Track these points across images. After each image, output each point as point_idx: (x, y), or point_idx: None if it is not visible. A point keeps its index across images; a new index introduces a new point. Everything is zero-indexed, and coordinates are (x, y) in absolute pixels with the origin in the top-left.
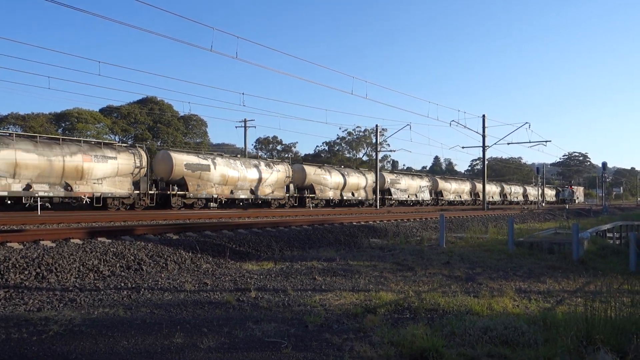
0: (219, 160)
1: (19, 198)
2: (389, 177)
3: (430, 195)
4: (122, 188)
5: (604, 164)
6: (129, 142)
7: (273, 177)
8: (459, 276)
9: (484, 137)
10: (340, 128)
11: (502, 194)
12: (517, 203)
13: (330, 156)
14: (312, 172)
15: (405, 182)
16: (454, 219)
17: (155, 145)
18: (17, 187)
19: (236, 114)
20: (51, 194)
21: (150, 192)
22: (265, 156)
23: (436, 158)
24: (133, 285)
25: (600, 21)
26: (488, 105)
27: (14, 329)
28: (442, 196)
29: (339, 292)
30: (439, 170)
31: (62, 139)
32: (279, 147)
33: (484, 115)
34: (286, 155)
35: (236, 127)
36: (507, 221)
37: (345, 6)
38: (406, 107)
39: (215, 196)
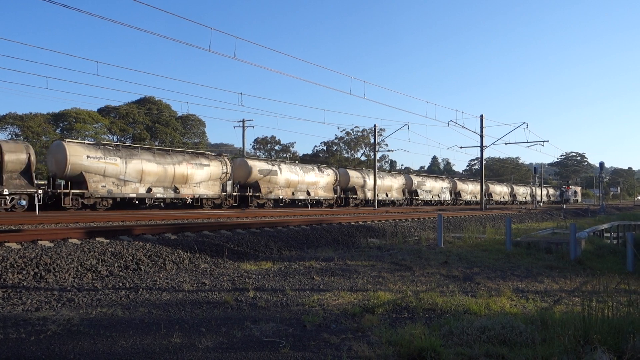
0: (283, 166)
1: (143, 199)
2: (416, 180)
3: (450, 195)
4: (213, 190)
5: (602, 164)
6: (127, 142)
7: (324, 180)
8: (457, 276)
9: (481, 137)
10: (338, 128)
11: (512, 194)
12: (525, 202)
13: (328, 156)
14: (355, 176)
15: (430, 183)
16: (451, 218)
17: (153, 145)
18: (142, 190)
19: (234, 114)
20: (165, 196)
21: (233, 194)
22: (263, 156)
23: (434, 158)
24: (131, 285)
25: (597, 22)
26: (486, 105)
27: (12, 329)
28: (460, 196)
29: (337, 291)
30: (437, 170)
31: (171, 150)
32: (277, 147)
33: (481, 116)
34: (284, 155)
35: (234, 127)
36: (504, 221)
37: (343, 7)
38: (404, 107)
39: (281, 197)
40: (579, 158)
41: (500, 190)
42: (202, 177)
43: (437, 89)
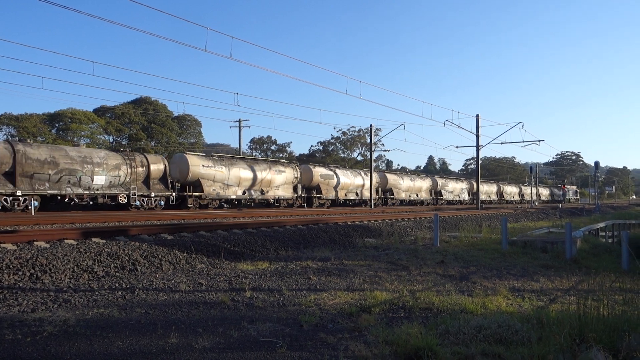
0: (338, 171)
1: (240, 200)
2: (440, 181)
3: (468, 195)
4: (287, 192)
5: (597, 163)
6: (123, 143)
7: (368, 182)
8: (453, 275)
9: (477, 136)
10: (334, 128)
11: (520, 194)
12: (528, 202)
13: (324, 156)
14: (392, 179)
15: (452, 185)
16: (448, 218)
17: (149, 145)
18: (239, 192)
19: (230, 114)
20: (255, 197)
21: (302, 195)
22: (260, 156)
23: (430, 158)
24: (127, 286)
25: (593, 22)
26: (482, 105)
27: (8, 330)
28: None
29: (333, 291)
30: (433, 170)
31: (259, 159)
32: (273, 147)
33: (477, 115)
34: (280, 155)
35: (230, 127)
36: (500, 220)
37: (340, 7)
38: (400, 107)
39: (338, 197)
40: (574, 157)
41: (510, 190)
42: (280, 181)
43: (433, 89)
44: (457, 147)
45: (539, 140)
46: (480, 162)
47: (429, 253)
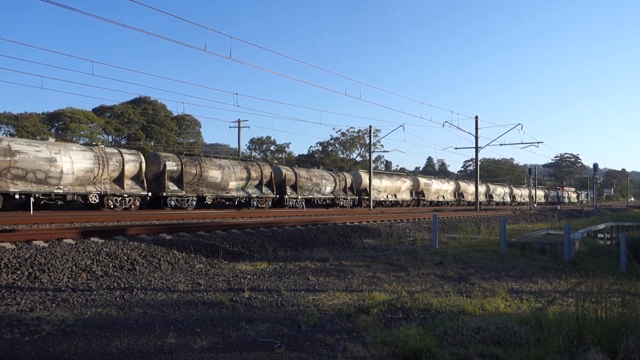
0: (381, 175)
1: (383, 201)
2: (462, 184)
3: (485, 197)
4: (407, 196)
5: (595, 165)
6: (122, 142)
7: (404, 185)
8: (452, 276)
9: (476, 138)
10: (333, 129)
11: (530, 196)
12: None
13: (323, 157)
14: (423, 182)
15: (471, 187)
16: (446, 219)
17: (148, 145)
18: (383, 196)
19: (230, 114)
20: (391, 199)
21: (353, 197)
22: (259, 157)
23: (429, 159)
24: (126, 286)
25: (592, 23)
26: (481, 106)
27: (6, 329)
28: (492, 198)
29: (332, 292)
30: (432, 171)
31: (394, 173)
32: (272, 148)
33: (476, 117)
34: (280, 155)
35: (230, 127)
36: (499, 222)
37: (339, 7)
38: (400, 108)
39: (382, 199)
40: (573, 159)
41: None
42: (403, 188)
43: (433, 90)
44: (456, 148)
45: (538, 142)
46: (479, 163)
47: (428, 254)
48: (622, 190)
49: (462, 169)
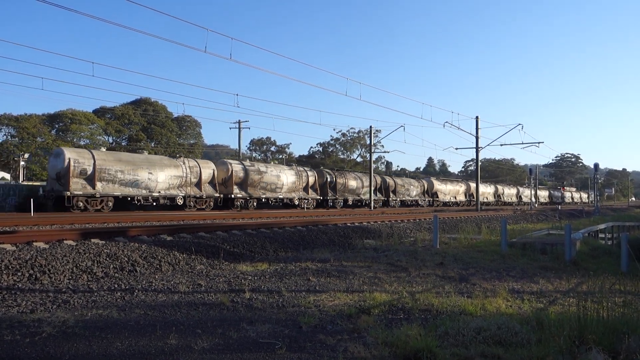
0: (445, 180)
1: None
2: (499, 186)
3: (514, 198)
4: (462, 198)
5: (596, 165)
6: (122, 144)
7: (461, 189)
8: (453, 277)
9: (477, 138)
10: (334, 129)
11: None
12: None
13: (324, 157)
14: (472, 186)
15: (507, 190)
16: (447, 219)
17: (149, 146)
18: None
19: (230, 115)
20: (452, 201)
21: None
22: (259, 157)
23: (430, 159)
24: (127, 287)
25: (592, 23)
26: (481, 106)
27: (7, 331)
28: (521, 200)
29: (333, 293)
30: (433, 171)
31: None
32: (272, 148)
33: (477, 117)
34: (280, 156)
35: (230, 128)
36: (499, 222)
37: (340, 8)
38: (400, 108)
39: (447, 200)
40: (573, 159)
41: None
42: (460, 191)
43: (433, 90)
44: (456, 148)
45: (539, 142)
46: (479, 163)
47: (429, 254)
48: (623, 190)
49: (463, 169)
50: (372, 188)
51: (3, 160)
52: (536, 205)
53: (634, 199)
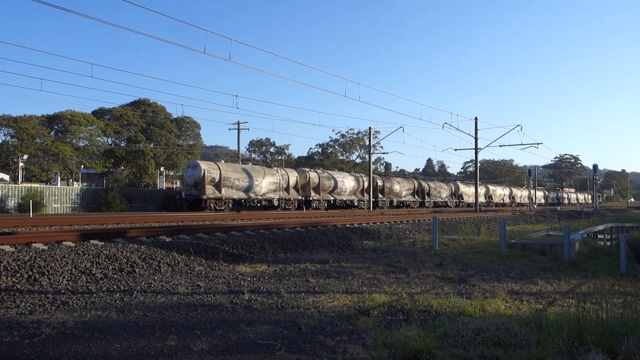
0: (468, 183)
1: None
2: (515, 190)
3: (485, 198)
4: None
5: (595, 166)
6: (121, 145)
7: (482, 191)
8: (452, 278)
9: (476, 139)
10: (333, 130)
11: (529, 197)
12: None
13: (323, 158)
14: (491, 188)
15: (521, 193)
16: (446, 220)
17: (148, 147)
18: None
19: (229, 116)
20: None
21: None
22: (258, 159)
23: (429, 160)
24: (126, 288)
25: (592, 25)
26: (480, 107)
27: (6, 332)
28: (533, 201)
29: (332, 294)
30: (432, 172)
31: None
32: (272, 149)
33: (476, 118)
34: (279, 157)
35: (229, 129)
36: (498, 223)
37: (339, 9)
38: (399, 109)
39: (470, 202)
40: (572, 160)
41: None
42: (481, 193)
43: (432, 91)
44: (455, 149)
45: (538, 143)
46: (479, 164)
47: (428, 256)
48: (622, 191)
49: (462, 170)
50: (411, 191)
51: (2, 161)
52: (535, 206)
53: (632, 200)
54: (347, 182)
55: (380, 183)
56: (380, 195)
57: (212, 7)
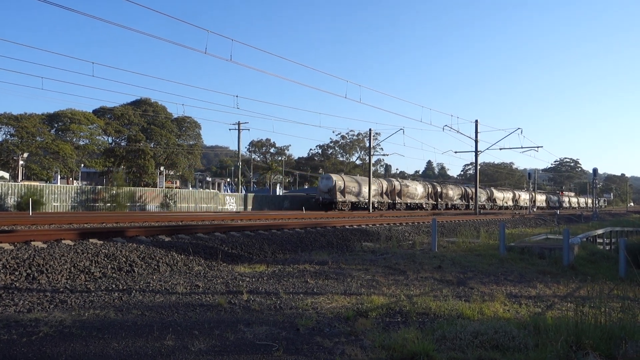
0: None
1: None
2: (518, 192)
3: (529, 203)
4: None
5: (595, 170)
6: (122, 144)
7: (508, 196)
8: (451, 280)
9: (476, 142)
10: (333, 132)
11: (529, 200)
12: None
13: (323, 159)
14: (517, 193)
15: (539, 196)
16: (446, 223)
17: (148, 147)
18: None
19: (230, 117)
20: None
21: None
22: (258, 159)
23: (429, 162)
24: (124, 287)
25: (592, 27)
26: (481, 110)
27: (3, 330)
28: (534, 204)
29: (330, 295)
30: (432, 174)
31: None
32: (272, 150)
33: (476, 121)
34: (279, 158)
35: (230, 129)
36: (498, 226)
37: (340, 10)
38: (400, 111)
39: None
40: (572, 164)
41: (505, 196)
42: (509, 197)
43: (433, 94)
44: (455, 152)
45: (538, 147)
46: (478, 167)
47: (427, 258)
48: (622, 195)
49: (462, 172)
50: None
51: (2, 160)
52: (535, 209)
53: (632, 204)
54: (419, 189)
55: (439, 189)
56: (439, 200)
57: (213, 7)
